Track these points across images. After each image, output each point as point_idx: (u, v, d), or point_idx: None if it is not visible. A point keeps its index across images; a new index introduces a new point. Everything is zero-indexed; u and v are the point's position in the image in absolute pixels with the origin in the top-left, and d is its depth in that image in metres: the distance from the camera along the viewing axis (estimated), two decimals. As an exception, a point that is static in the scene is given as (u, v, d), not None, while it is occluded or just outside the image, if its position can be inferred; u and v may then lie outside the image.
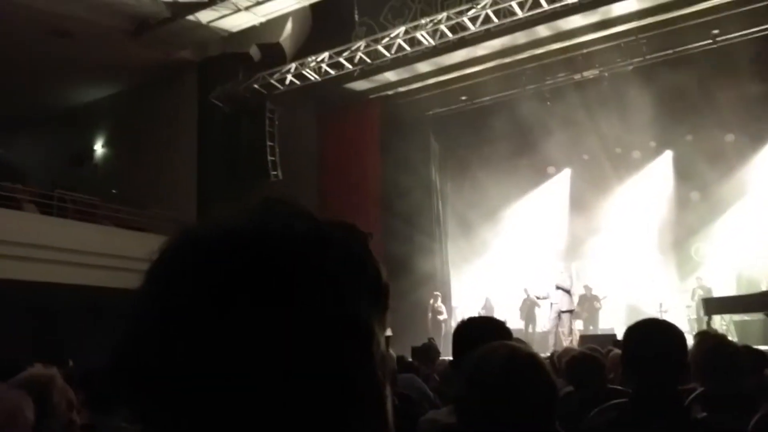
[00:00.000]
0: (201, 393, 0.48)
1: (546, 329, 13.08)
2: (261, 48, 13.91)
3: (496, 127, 13.64)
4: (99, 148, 17.35)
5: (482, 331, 2.20)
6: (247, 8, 12.42)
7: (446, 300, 14.49)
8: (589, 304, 13.21)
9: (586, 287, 13.28)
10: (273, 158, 13.64)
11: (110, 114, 16.74)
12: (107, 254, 9.80)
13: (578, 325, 12.62)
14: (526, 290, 13.84)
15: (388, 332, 0.62)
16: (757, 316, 10.70)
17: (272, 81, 13.61)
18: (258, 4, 12.30)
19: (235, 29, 13.22)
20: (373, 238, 0.59)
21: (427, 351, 6.29)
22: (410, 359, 6.41)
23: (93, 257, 10.85)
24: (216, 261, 0.51)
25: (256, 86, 13.75)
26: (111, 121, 16.93)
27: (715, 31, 11.87)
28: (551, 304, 12.03)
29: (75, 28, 13.05)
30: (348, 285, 0.53)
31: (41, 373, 2.06)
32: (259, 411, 0.49)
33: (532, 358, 1.52)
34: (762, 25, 11.64)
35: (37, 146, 17.84)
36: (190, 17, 12.87)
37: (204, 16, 12.80)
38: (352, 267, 0.54)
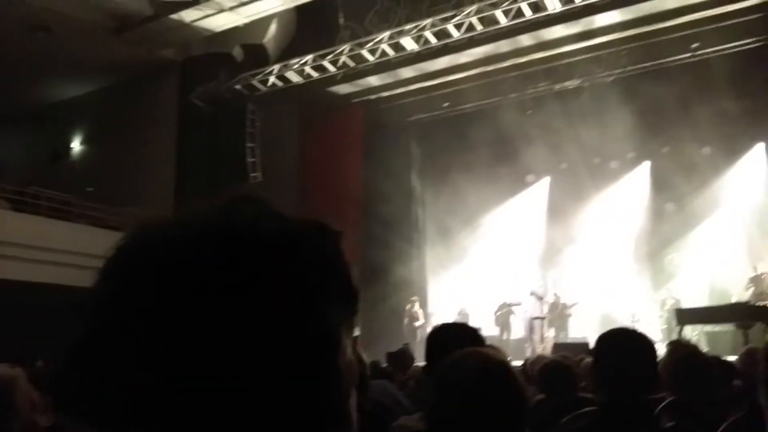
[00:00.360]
0: (153, 396, 0.47)
1: (521, 336, 13.15)
2: (244, 48, 13.86)
3: (477, 135, 13.73)
4: (77, 145, 17.13)
5: (455, 338, 2.20)
6: (231, 8, 12.36)
7: (423, 306, 14.51)
8: (559, 311, 13.31)
9: (555, 295, 13.38)
10: (253, 159, 13.57)
11: (89, 111, 16.53)
12: (80, 253, 9.65)
13: (551, 333, 12.71)
14: (501, 297, 13.93)
15: (356, 331, 0.61)
16: (728, 327, 10.86)
17: (254, 82, 13.55)
18: (242, 4, 12.25)
19: (218, 29, 13.15)
20: (344, 237, 0.57)
21: (402, 356, 6.28)
22: (385, 364, 6.39)
23: (65, 255, 10.70)
24: (176, 259, 0.49)
25: (237, 87, 13.68)
26: (90, 119, 16.72)
27: (695, 45, 12.07)
28: (524, 311, 12.14)
29: (55, 24, 12.89)
30: (315, 288, 0.51)
31: (3, 374, 2.02)
32: (213, 417, 0.47)
33: (502, 365, 1.53)
34: (740, 40, 11.87)
35: (14, 143, 17.57)
36: (174, 16, 12.78)
37: (187, 15, 12.71)
38: (320, 268, 0.52)
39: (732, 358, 4.72)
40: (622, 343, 2.16)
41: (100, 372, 0.49)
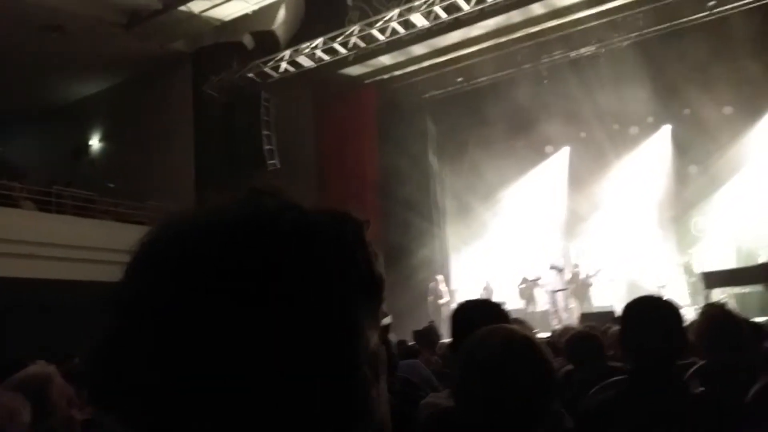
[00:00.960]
0: (180, 392, 0.48)
1: (545, 309, 13.13)
2: (254, 36, 13.84)
3: (493, 108, 13.59)
4: (95, 142, 17.32)
5: (479, 314, 2.21)
6: (238, -4, 12.35)
7: (446, 283, 14.52)
8: (581, 281, 13.24)
9: (576, 265, 13.31)
10: (270, 147, 13.60)
11: (105, 108, 16.69)
12: (107, 248, 9.80)
13: (574, 304, 12.66)
14: (525, 270, 13.90)
15: (387, 320, 0.61)
16: (756, 288, 10.72)
17: (267, 69, 13.54)
18: (249, -9, 12.23)
19: (227, 18, 13.14)
20: (369, 226, 0.57)
21: (428, 334, 6.31)
22: (411, 343, 6.44)
23: (93, 252, 10.87)
24: (198, 256, 0.50)
25: (250, 75, 13.68)
26: (106, 115, 16.88)
27: (711, 3, 11.79)
28: (546, 285, 12.10)
29: (67, 23, 12.98)
30: (335, 280, 0.51)
31: (38, 372, 2.07)
32: (239, 410, 0.48)
33: (527, 340, 1.52)
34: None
35: (35, 143, 17.81)
36: (182, 8, 12.80)
37: (196, 6, 12.72)
38: (340, 261, 0.52)
39: (761, 319, 4.68)
40: (648, 311, 2.15)
41: (123, 369, 0.49)
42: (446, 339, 6.57)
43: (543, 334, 6.62)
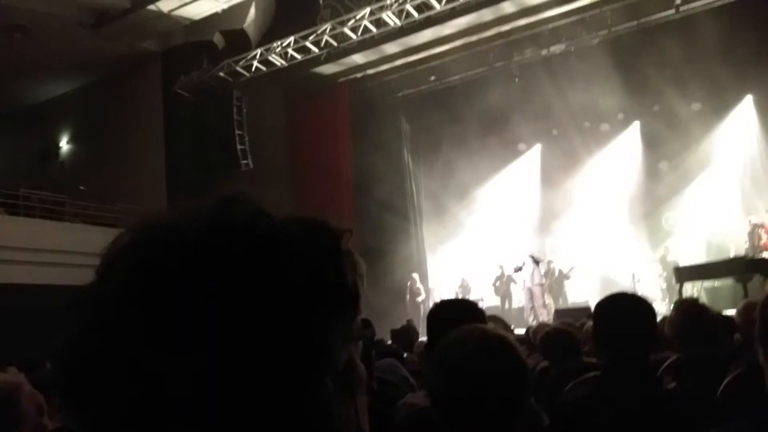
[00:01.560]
0: (147, 397, 0.47)
1: (522, 305, 13.24)
2: (225, 35, 13.71)
3: (465, 106, 13.68)
4: (64, 144, 17.02)
5: (456, 313, 2.21)
6: (208, -5, 12.22)
7: (423, 281, 14.57)
8: (557, 277, 13.38)
9: (550, 262, 13.45)
10: (243, 147, 13.49)
11: (74, 109, 16.40)
12: (77, 252, 9.65)
13: (548, 299, 12.80)
14: (501, 267, 13.97)
15: (369, 332, 0.59)
16: (727, 282, 10.93)
17: (238, 68, 13.42)
18: (219, -10, 12.11)
19: (197, 17, 13.01)
20: (351, 235, 0.55)
21: (406, 333, 6.32)
22: (389, 342, 6.43)
23: (63, 255, 10.69)
24: (166, 263, 0.49)
25: (221, 74, 13.55)
26: (76, 117, 16.59)
27: (678, 2, 11.98)
28: (523, 281, 12.17)
29: (31, 23, 12.72)
30: (299, 293, 0.50)
31: (7, 380, 2.02)
32: (201, 417, 0.47)
33: (501, 339, 1.53)
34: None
35: (1, 145, 17.44)
36: (151, 7, 12.64)
37: (165, 5, 12.56)
38: (305, 273, 0.51)
39: (731, 312, 4.76)
40: (620, 307, 2.17)
41: (90, 375, 0.49)
42: (424, 338, 6.59)
43: (519, 331, 6.66)
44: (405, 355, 5.42)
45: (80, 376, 0.49)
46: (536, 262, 12.16)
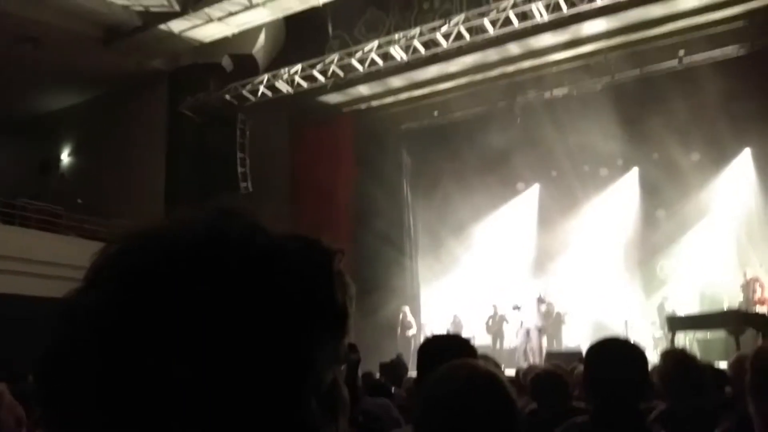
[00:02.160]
0: (129, 408, 0.46)
1: (513, 345, 13.14)
2: (233, 59, 13.86)
3: (466, 143, 13.78)
4: (66, 156, 17.05)
5: (446, 349, 2.18)
6: (220, 19, 12.37)
7: (415, 315, 14.48)
8: (553, 320, 13.31)
9: (550, 304, 13.40)
10: (243, 169, 13.54)
11: (78, 122, 16.46)
12: (69, 265, 9.59)
13: (545, 342, 12.71)
14: (494, 306, 13.89)
15: (355, 357, 0.59)
16: (719, 334, 10.88)
17: (244, 92, 13.54)
18: (231, 15, 12.26)
19: (207, 39, 13.15)
20: (342, 256, 0.56)
21: (395, 367, 6.25)
22: (378, 375, 6.37)
23: (55, 268, 10.62)
24: (158, 272, 0.49)
25: (227, 97, 13.66)
26: (79, 130, 16.65)
27: (681, 52, 12.18)
28: (521, 321, 12.06)
29: (43, 35, 12.85)
30: (290, 310, 0.50)
31: (-13, 390, 1.99)
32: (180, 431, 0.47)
33: (491, 376, 1.51)
34: (725, 47, 12.00)
35: (2, 155, 17.46)
36: (162, 26, 12.78)
37: (176, 25, 12.71)
38: (298, 291, 0.51)
39: (723, 364, 4.73)
40: (612, 352, 2.16)
41: (72, 386, 0.48)
42: (413, 372, 6.52)
43: (510, 372, 6.60)
44: (393, 389, 5.36)
45: (61, 386, 0.48)
46: (542, 302, 12.07)
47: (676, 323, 10.16)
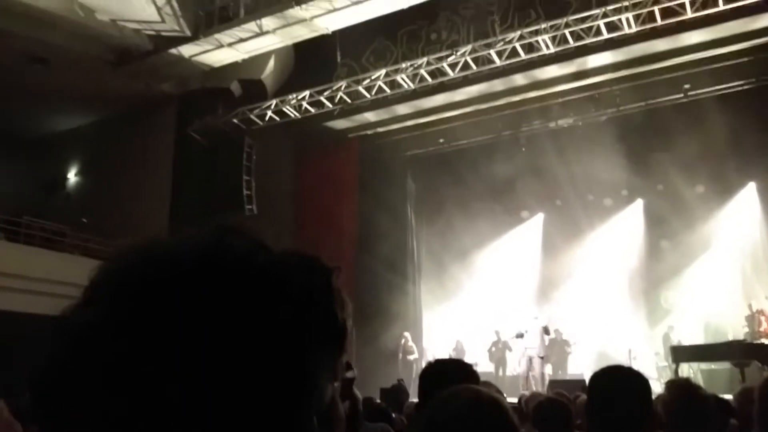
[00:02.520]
0: (131, 422, 0.46)
1: (516, 373, 13.03)
2: (242, 83, 14.00)
3: (471, 171, 13.85)
4: (72, 176, 17.15)
5: (449, 374, 2.18)
6: (230, 45, 12.52)
7: (417, 341, 14.40)
8: (559, 348, 13.21)
9: (556, 332, 13.30)
10: (249, 192, 13.59)
11: (86, 143, 16.58)
12: (73, 284, 9.61)
13: (548, 370, 12.60)
14: (497, 332, 13.81)
15: (351, 374, 0.59)
16: (724, 365, 10.79)
17: (252, 116, 13.66)
18: (241, 41, 12.42)
19: (216, 64, 13.29)
20: (339, 273, 0.56)
21: (396, 392, 6.21)
22: (378, 401, 6.31)
23: (58, 286, 10.62)
24: (158, 288, 0.48)
25: (235, 121, 13.78)
26: (86, 150, 16.76)
27: (687, 86, 12.26)
28: (525, 348, 11.96)
29: (53, 56, 12.99)
30: (294, 327, 0.50)
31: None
32: None
33: (495, 401, 1.51)
34: (730, 82, 12.07)
35: (10, 173, 17.57)
36: (173, 51, 12.93)
37: (186, 50, 12.86)
38: (301, 307, 0.51)
39: (728, 397, 4.69)
40: (615, 381, 2.15)
41: (71, 400, 0.47)
42: (414, 398, 6.46)
43: (512, 400, 6.54)
44: (393, 415, 5.31)
45: (58, 403, 0.47)
46: (546, 332, 12.00)
47: (680, 354, 10.10)
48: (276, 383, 0.48)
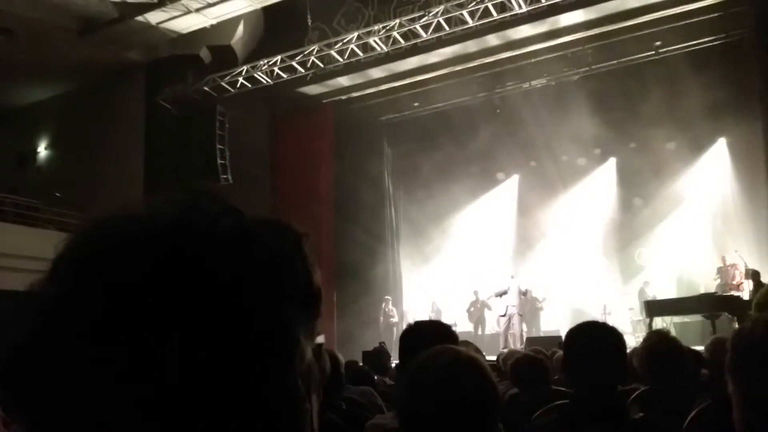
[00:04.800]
0: (101, 399, 0.45)
1: (495, 331, 13.26)
2: (211, 50, 13.72)
3: (447, 134, 13.85)
4: (42, 150, 16.79)
5: (428, 335, 2.21)
6: (197, 10, 12.23)
7: (397, 304, 14.55)
8: (530, 305, 13.45)
9: (528, 290, 13.54)
10: (223, 162, 13.43)
11: (55, 115, 16.22)
12: (48, 259, 9.50)
13: (524, 328, 12.84)
14: (476, 292, 13.99)
15: (320, 338, 0.60)
16: (696, 318, 11.09)
17: (223, 83, 13.43)
18: (209, 6, 12.14)
19: (185, 31, 12.99)
20: (309, 238, 0.55)
21: (378, 355, 6.29)
22: (361, 364, 6.40)
23: (33, 262, 10.49)
24: (128, 255, 0.47)
25: (206, 88, 13.54)
26: (55, 123, 16.40)
27: (658, 43, 12.31)
28: (506, 306, 12.14)
29: (17, 26, 12.61)
30: (272, 290, 0.50)
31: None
32: (161, 425, 0.45)
33: (473, 361, 1.53)
34: (701, 38, 12.14)
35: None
36: (139, 18, 12.60)
37: (153, 17, 12.54)
38: (279, 271, 0.51)
39: (700, 348, 4.83)
40: (591, 336, 2.20)
41: (41, 378, 0.46)
42: (396, 361, 6.56)
43: (491, 358, 6.67)
44: (376, 377, 5.40)
45: (25, 381, 0.46)
46: (524, 293, 12.19)
47: (653, 308, 10.34)
48: (262, 347, 0.48)
